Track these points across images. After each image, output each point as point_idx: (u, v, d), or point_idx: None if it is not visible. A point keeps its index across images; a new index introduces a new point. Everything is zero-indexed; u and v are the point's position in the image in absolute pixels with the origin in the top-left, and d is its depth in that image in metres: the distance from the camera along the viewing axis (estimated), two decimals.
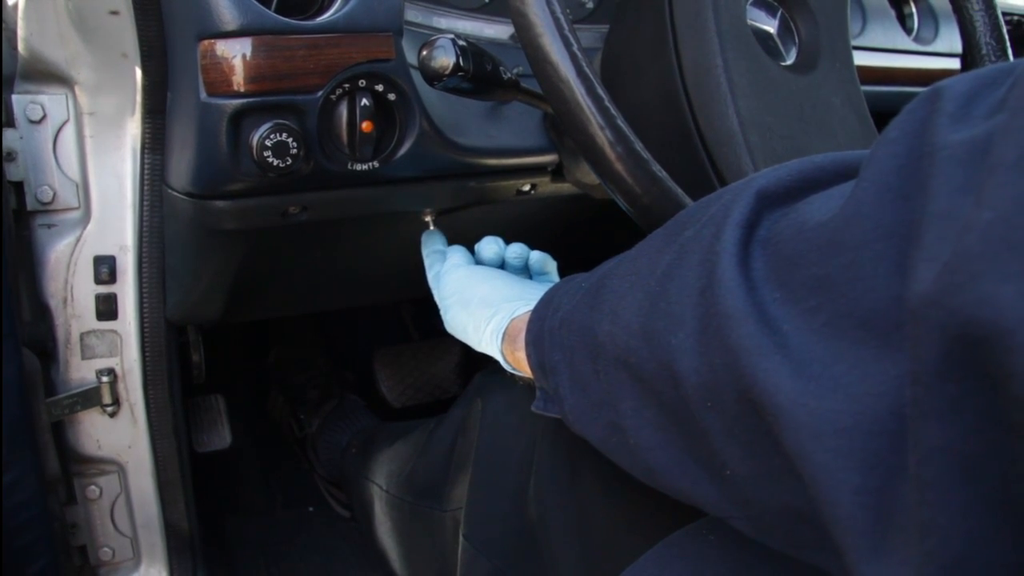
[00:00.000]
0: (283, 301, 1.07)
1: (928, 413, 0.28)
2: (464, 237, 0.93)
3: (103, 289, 0.86)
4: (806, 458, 0.32)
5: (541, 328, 0.55)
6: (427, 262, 0.76)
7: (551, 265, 0.74)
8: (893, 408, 0.30)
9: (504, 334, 0.61)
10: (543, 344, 0.54)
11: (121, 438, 0.92)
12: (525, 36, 0.54)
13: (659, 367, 0.41)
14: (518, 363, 0.60)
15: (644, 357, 0.42)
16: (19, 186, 0.80)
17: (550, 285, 0.70)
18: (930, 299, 0.27)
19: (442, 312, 0.70)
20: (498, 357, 0.63)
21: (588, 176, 0.77)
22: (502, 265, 0.73)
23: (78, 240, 0.84)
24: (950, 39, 1.10)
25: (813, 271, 0.33)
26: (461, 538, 0.78)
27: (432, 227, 0.79)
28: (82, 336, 0.87)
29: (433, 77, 0.61)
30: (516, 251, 0.73)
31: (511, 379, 0.67)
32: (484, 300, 0.65)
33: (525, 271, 0.74)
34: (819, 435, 0.31)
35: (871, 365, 0.31)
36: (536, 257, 0.74)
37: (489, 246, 0.72)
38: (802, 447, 0.32)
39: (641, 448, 0.45)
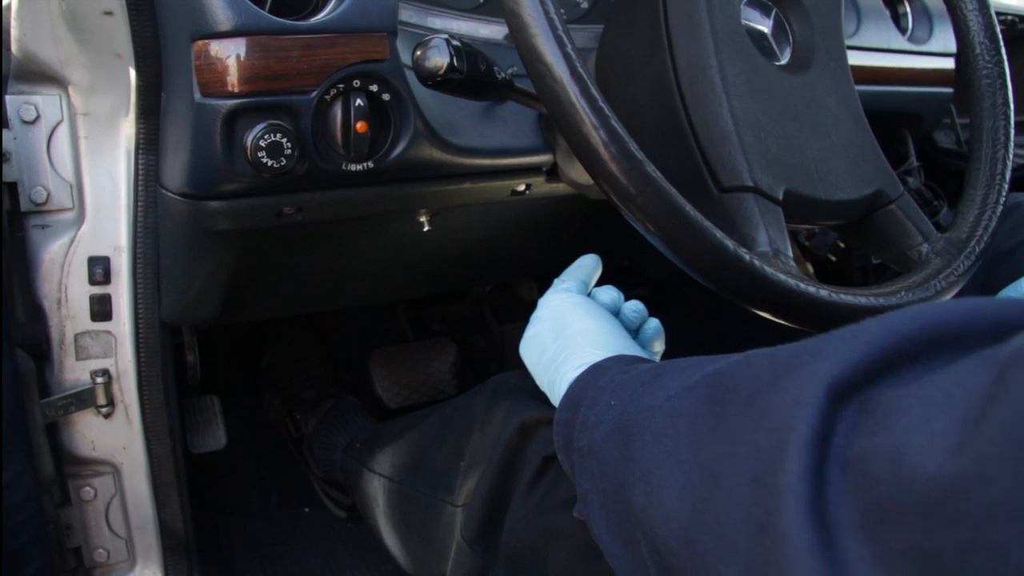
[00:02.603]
0: (278, 302, 1.07)
1: None
2: (460, 237, 0.93)
3: (97, 290, 0.85)
4: None
5: (569, 438, 0.50)
6: (560, 277, 0.70)
7: (661, 344, 0.68)
8: None
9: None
10: (572, 459, 0.50)
11: (116, 439, 0.91)
12: (519, 36, 0.54)
13: None
14: None
15: (688, 568, 0.36)
16: (13, 187, 0.80)
17: (650, 361, 0.64)
18: None
19: (530, 323, 0.65)
20: (554, 402, 0.59)
21: (583, 176, 0.77)
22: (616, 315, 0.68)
23: (72, 241, 0.83)
24: (944, 39, 1.10)
25: (918, 540, 0.26)
26: (458, 536, 0.78)
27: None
28: (76, 337, 0.86)
29: (427, 77, 0.61)
30: (635, 307, 0.67)
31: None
32: (582, 337, 0.59)
33: (634, 333, 0.69)
34: None
35: None
36: (653, 326, 0.68)
37: (607, 293, 0.67)
38: None
39: None
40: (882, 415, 0.29)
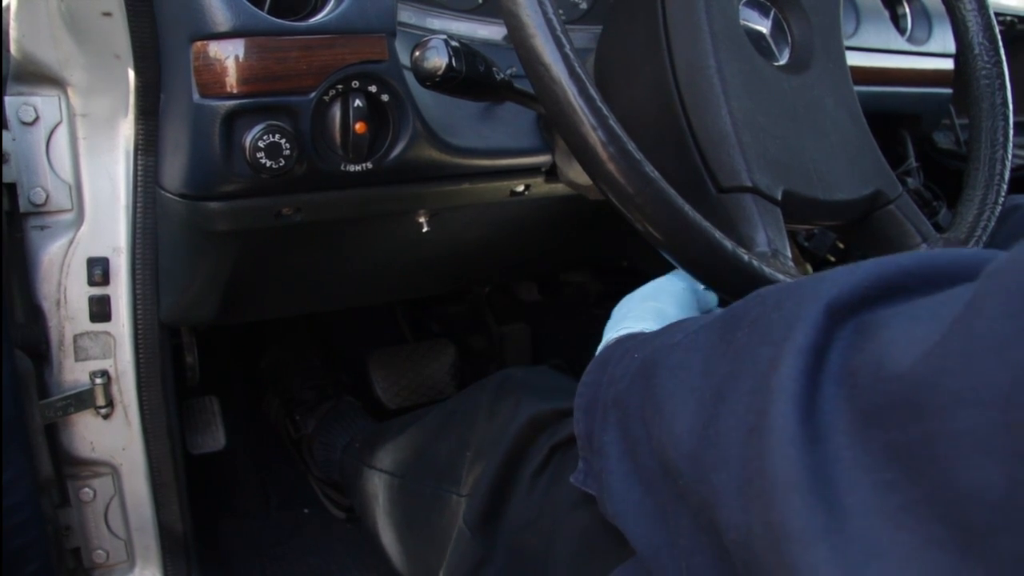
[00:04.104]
0: (277, 302, 1.07)
1: None
2: (458, 238, 0.93)
3: (96, 291, 0.85)
4: None
5: (595, 396, 0.51)
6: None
7: None
8: None
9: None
10: (595, 416, 0.50)
11: (115, 440, 0.91)
12: (517, 37, 0.54)
13: (704, 504, 0.36)
14: None
15: (690, 486, 0.37)
16: (12, 188, 0.80)
17: None
18: None
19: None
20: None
21: (581, 177, 0.77)
22: None
23: (71, 242, 0.83)
24: (943, 39, 1.10)
25: (892, 436, 0.27)
26: (460, 522, 0.78)
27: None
28: (75, 338, 0.86)
29: (426, 78, 0.61)
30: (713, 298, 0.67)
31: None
32: (641, 309, 0.60)
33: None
34: None
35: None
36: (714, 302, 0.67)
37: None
38: None
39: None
40: (872, 333, 0.30)
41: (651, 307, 0.60)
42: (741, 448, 0.33)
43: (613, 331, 0.59)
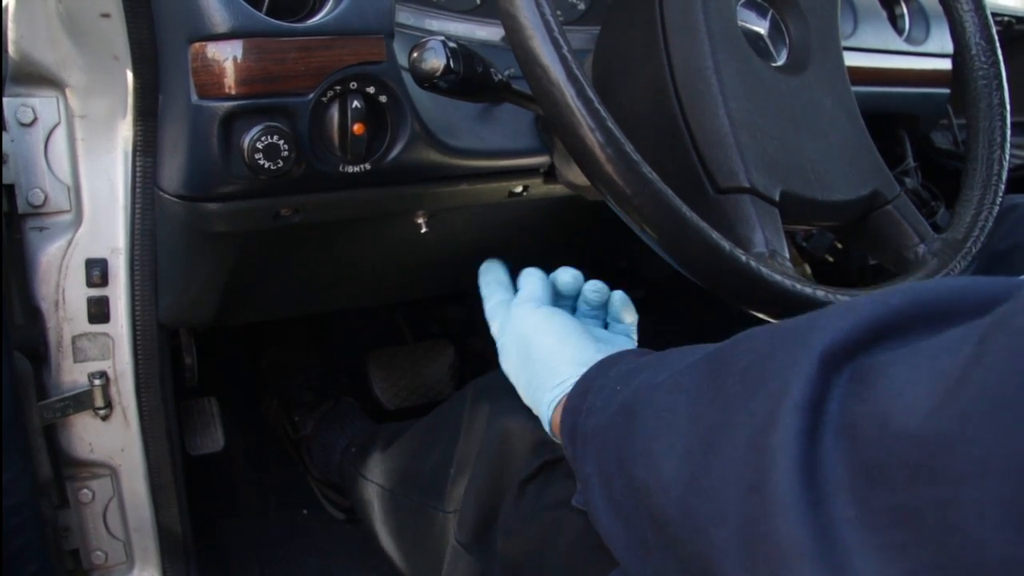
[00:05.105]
0: (276, 303, 1.07)
1: None
2: (457, 238, 0.93)
3: (95, 292, 0.85)
4: None
5: (575, 425, 0.51)
6: (486, 291, 0.71)
7: (631, 314, 0.69)
8: None
9: (557, 404, 0.56)
10: (576, 444, 0.50)
11: (113, 441, 0.91)
12: (515, 38, 0.54)
13: (699, 555, 0.36)
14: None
15: (683, 536, 0.37)
16: (10, 189, 0.80)
17: (626, 344, 0.65)
18: None
19: (498, 350, 0.65)
20: (545, 427, 0.59)
21: (580, 178, 0.77)
22: (577, 296, 0.69)
23: (70, 243, 0.83)
24: (941, 40, 1.10)
25: (900, 498, 0.26)
26: (452, 540, 0.78)
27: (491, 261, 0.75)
28: (74, 339, 0.86)
29: (424, 79, 0.61)
30: (595, 287, 0.68)
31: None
32: (548, 359, 0.59)
33: (602, 311, 0.70)
34: None
35: None
36: (618, 299, 0.68)
37: (567, 273, 0.67)
38: None
39: None
40: (871, 381, 0.29)
41: (556, 354, 0.60)
42: (742, 506, 0.32)
43: (544, 391, 0.58)
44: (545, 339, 0.60)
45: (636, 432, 0.43)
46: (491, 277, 0.72)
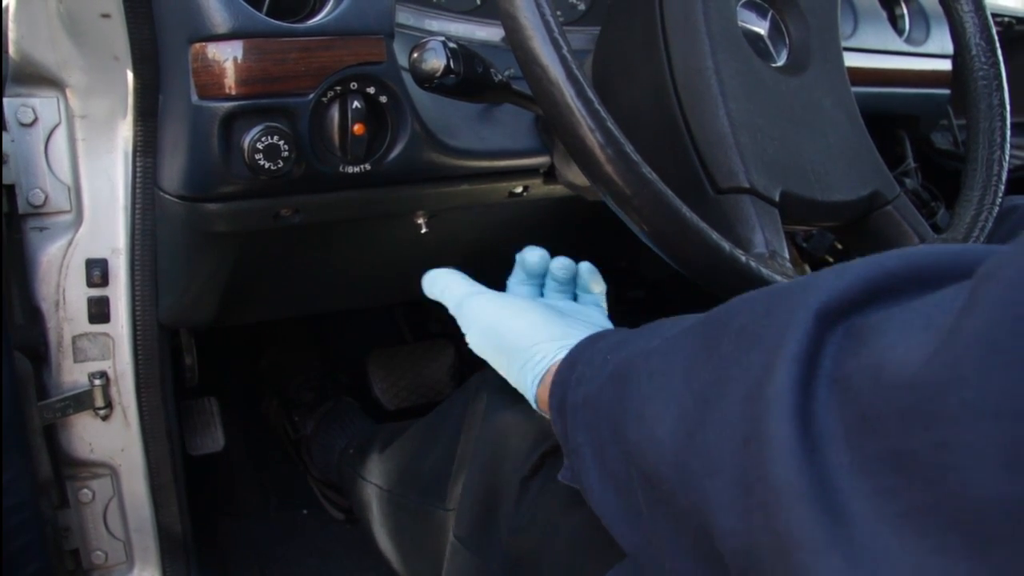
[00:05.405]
0: (276, 303, 1.07)
1: None
2: (457, 239, 0.93)
3: (95, 292, 0.85)
4: None
5: (564, 397, 0.50)
6: (443, 297, 0.69)
7: (599, 284, 0.69)
8: None
9: (541, 380, 0.56)
10: (566, 416, 0.50)
11: (114, 441, 0.91)
12: (514, 39, 0.54)
13: (693, 509, 0.36)
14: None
15: (677, 492, 0.37)
16: (10, 189, 0.80)
17: (596, 313, 0.65)
18: None
19: (468, 340, 0.65)
20: (532, 403, 0.59)
21: (579, 178, 0.77)
22: (544, 275, 0.69)
23: (70, 243, 0.83)
24: (941, 40, 1.10)
25: (893, 443, 0.27)
26: (451, 536, 0.78)
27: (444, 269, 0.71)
28: (74, 339, 0.86)
29: (424, 79, 0.61)
30: (561, 263, 0.67)
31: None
32: (519, 340, 0.58)
33: (570, 286, 0.69)
34: None
35: None
36: (585, 270, 0.68)
37: (533, 253, 0.67)
38: None
39: None
40: (865, 337, 0.30)
41: (528, 333, 0.59)
42: (737, 457, 0.33)
43: (526, 372, 0.58)
44: (513, 321, 0.60)
45: (629, 396, 0.43)
46: (440, 285, 0.69)
